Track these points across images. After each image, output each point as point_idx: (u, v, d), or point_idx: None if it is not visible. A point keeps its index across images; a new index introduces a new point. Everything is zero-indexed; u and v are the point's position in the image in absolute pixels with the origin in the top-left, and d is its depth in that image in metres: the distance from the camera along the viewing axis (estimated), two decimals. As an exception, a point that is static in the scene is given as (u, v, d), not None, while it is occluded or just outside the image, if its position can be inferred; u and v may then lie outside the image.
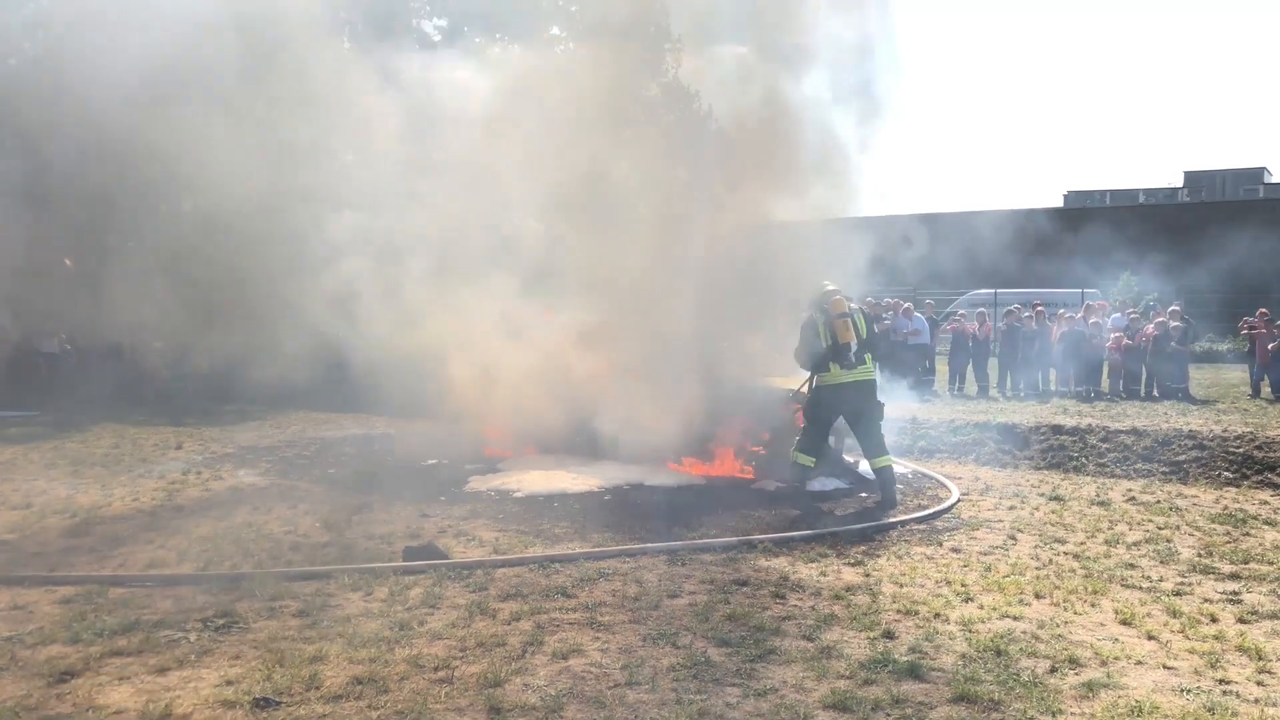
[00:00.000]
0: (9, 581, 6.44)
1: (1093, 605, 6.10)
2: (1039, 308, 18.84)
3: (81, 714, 4.29)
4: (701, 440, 10.84)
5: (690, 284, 10.94)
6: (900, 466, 11.43)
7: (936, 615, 5.82)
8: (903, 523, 8.54)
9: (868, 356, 9.40)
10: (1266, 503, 9.72)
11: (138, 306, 8.94)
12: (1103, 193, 60.25)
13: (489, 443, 11.72)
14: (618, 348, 11.00)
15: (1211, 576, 6.85)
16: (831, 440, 11.01)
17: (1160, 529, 8.41)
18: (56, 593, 6.19)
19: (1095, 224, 41.35)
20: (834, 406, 9.47)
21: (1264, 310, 17.35)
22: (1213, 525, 8.59)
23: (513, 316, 11.46)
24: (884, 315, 18.16)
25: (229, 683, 4.65)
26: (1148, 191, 59.71)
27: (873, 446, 9.36)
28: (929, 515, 8.85)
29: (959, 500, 9.56)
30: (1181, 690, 4.70)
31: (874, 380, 9.52)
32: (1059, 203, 57.79)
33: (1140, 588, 6.52)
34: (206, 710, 4.32)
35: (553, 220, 11.82)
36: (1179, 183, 61.87)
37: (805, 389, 9.85)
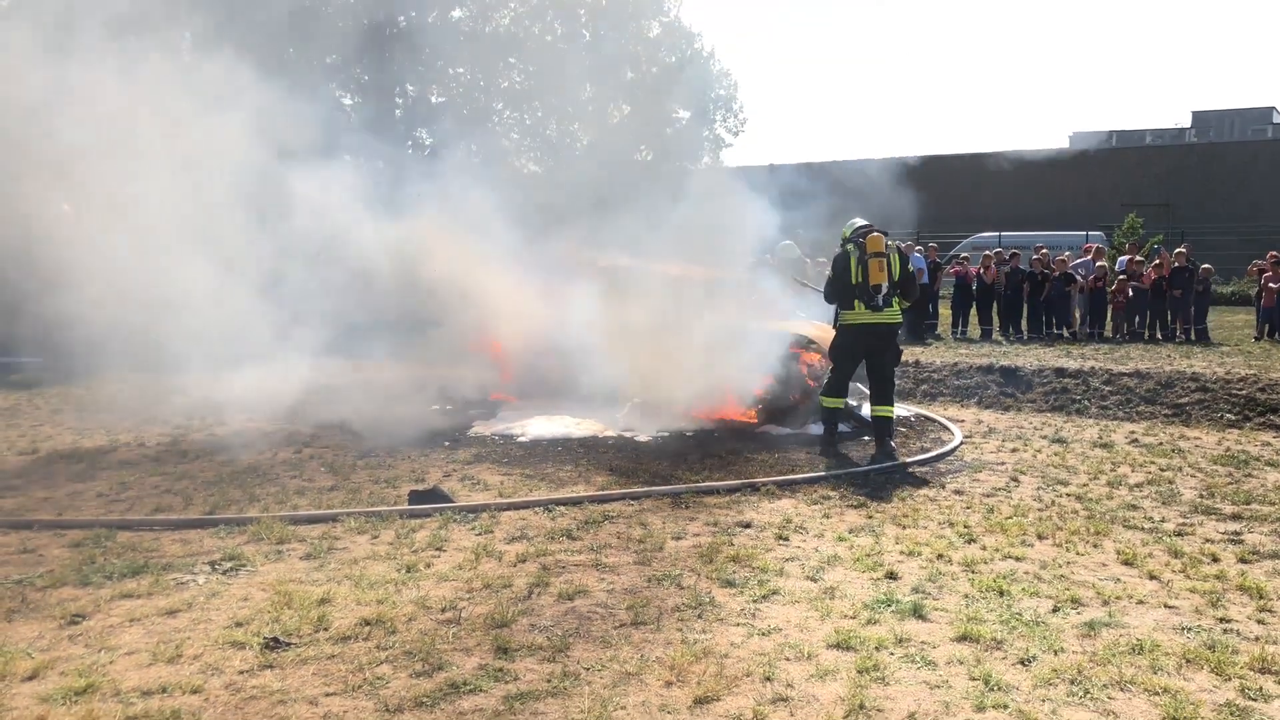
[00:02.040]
0: (18, 525, 6.48)
1: (1095, 546, 6.14)
2: (1043, 250, 18.73)
3: (94, 655, 4.34)
4: (706, 384, 10.83)
5: (692, 223, 10.85)
6: (903, 409, 11.46)
7: (939, 556, 5.86)
8: (905, 465, 8.58)
9: (896, 300, 9.04)
10: (1269, 444, 9.74)
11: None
12: (1109, 134, 59.56)
13: (493, 387, 11.72)
14: (620, 291, 10.93)
15: (1213, 517, 6.88)
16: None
17: (1163, 470, 8.44)
18: (65, 536, 6.23)
19: (1101, 166, 40.96)
20: (855, 347, 9.11)
21: (1274, 254, 17.22)
22: (1215, 467, 8.61)
23: (515, 258, 11.37)
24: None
25: (238, 624, 4.69)
26: (1154, 132, 59.01)
27: (879, 394, 9.13)
28: (933, 458, 8.88)
29: (962, 443, 9.58)
30: (1183, 629, 4.74)
31: (898, 324, 9.22)
32: (1064, 144, 57.14)
33: (1142, 528, 6.56)
34: (217, 651, 4.37)
35: (556, 162, 11.69)
36: (1186, 123, 61.13)
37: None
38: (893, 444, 9.14)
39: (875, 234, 8.96)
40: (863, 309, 8.92)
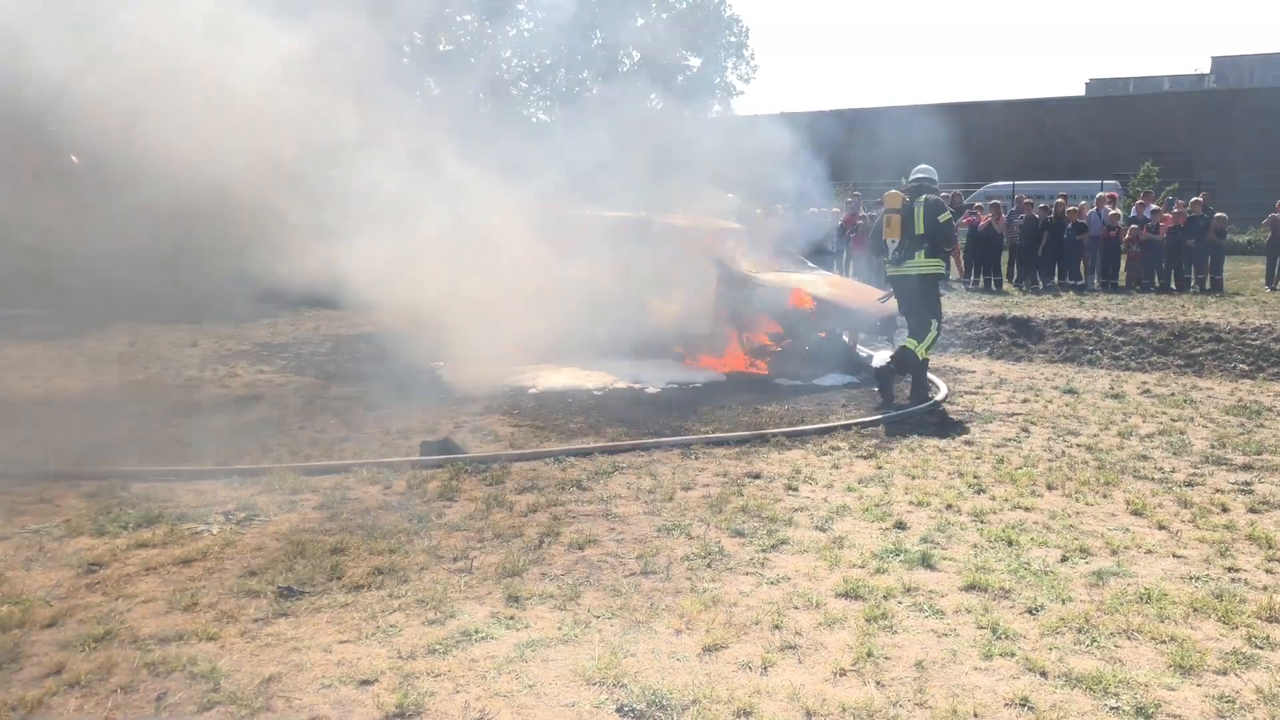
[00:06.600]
0: (34, 476, 6.53)
1: (1104, 496, 6.14)
2: (1059, 200, 18.52)
3: (112, 603, 4.40)
4: (716, 336, 10.82)
5: (702, 176, 10.76)
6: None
7: (949, 506, 5.88)
8: (910, 413, 8.58)
9: (919, 253, 9.13)
10: (1281, 395, 9.69)
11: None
12: (1125, 80, 58.60)
13: (502, 340, 11.68)
14: (630, 242, 10.87)
15: (1224, 468, 6.87)
16: (845, 337, 11.01)
17: (1174, 421, 8.41)
18: (80, 486, 6.28)
19: (1117, 113, 40.34)
20: (896, 296, 9.59)
21: (1291, 201, 17.02)
22: (1226, 417, 8.58)
23: (520, 210, 11.28)
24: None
25: (252, 573, 4.74)
26: (1173, 79, 58.01)
27: (910, 330, 9.45)
28: (928, 406, 8.87)
29: (946, 396, 9.46)
30: (1190, 578, 4.75)
31: (918, 276, 9.21)
32: (1080, 91, 56.26)
33: (1152, 479, 6.55)
34: (232, 600, 4.42)
35: (561, 112, 11.53)
36: (1206, 69, 60.06)
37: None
38: (924, 382, 9.42)
39: (891, 191, 9.38)
40: (887, 262, 9.43)
